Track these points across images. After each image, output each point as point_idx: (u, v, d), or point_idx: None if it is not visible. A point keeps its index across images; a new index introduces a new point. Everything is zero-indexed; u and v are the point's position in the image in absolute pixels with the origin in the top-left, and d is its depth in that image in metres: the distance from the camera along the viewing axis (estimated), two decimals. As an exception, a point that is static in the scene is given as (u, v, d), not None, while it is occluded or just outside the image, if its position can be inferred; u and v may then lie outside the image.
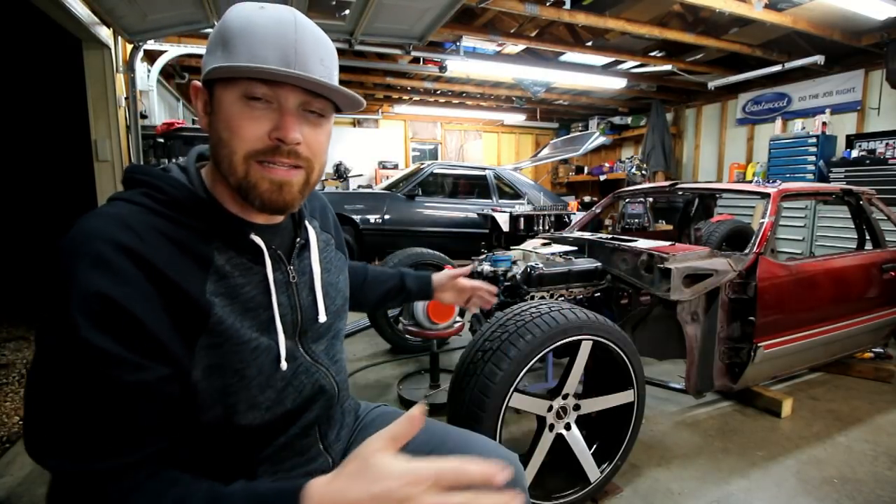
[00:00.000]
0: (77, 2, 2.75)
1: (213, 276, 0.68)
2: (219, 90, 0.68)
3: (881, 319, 2.56)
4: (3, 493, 1.75)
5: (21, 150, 5.45)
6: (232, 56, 0.65)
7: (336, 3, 3.21)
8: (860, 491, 1.79)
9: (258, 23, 0.66)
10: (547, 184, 8.81)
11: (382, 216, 4.88)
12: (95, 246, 0.59)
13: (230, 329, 0.68)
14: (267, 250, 0.74)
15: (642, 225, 5.43)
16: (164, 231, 0.65)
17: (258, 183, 0.68)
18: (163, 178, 0.70)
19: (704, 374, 2.02)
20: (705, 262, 1.96)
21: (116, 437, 0.58)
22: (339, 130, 8.44)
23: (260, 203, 0.70)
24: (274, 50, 0.65)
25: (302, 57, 0.66)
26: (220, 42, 0.67)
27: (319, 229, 0.90)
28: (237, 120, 0.66)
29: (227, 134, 0.67)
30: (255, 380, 0.71)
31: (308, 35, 0.68)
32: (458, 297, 1.32)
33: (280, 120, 0.67)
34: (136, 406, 0.59)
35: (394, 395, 2.58)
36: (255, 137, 0.67)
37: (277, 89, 0.66)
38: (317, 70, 0.68)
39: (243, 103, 0.66)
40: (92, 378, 0.57)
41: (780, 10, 3.95)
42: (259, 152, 0.67)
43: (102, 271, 0.58)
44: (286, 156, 0.68)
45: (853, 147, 5.14)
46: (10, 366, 2.98)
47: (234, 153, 0.67)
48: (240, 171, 0.68)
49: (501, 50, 5.28)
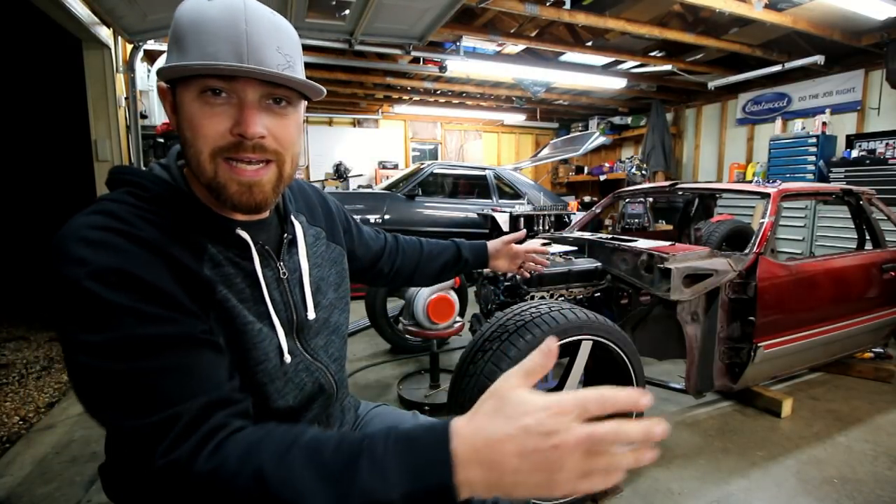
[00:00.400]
0: (77, 2, 2.76)
1: (209, 263, 0.68)
2: (179, 90, 0.66)
3: (881, 319, 2.56)
4: (3, 493, 1.75)
5: (21, 151, 5.45)
6: (184, 54, 0.64)
7: (336, 3, 3.21)
8: (860, 491, 1.79)
9: (207, 16, 0.63)
10: (547, 184, 8.80)
11: (382, 216, 4.88)
12: (88, 234, 0.59)
13: (235, 308, 0.68)
14: (254, 245, 0.74)
15: (642, 225, 5.43)
16: (152, 221, 0.65)
17: (227, 184, 0.67)
18: (145, 175, 0.69)
19: (704, 374, 2.02)
20: (705, 262, 1.96)
21: (169, 388, 0.56)
22: (339, 130, 8.44)
23: (231, 204, 0.69)
24: (225, 43, 0.63)
25: (255, 47, 0.64)
26: (173, 40, 0.66)
27: (307, 223, 0.89)
28: (198, 119, 0.65)
29: (191, 133, 0.66)
30: (262, 365, 0.71)
31: (261, 23, 0.65)
32: (512, 263, 1.33)
33: (240, 114, 0.65)
34: (193, 352, 0.59)
35: (394, 395, 2.58)
36: (217, 134, 0.65)
37: (234, 83, 0.64)
38: (273, 59, 0.65)
39: (202, 101, 0.65)
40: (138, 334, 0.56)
41: (780, 10, 3.95)
42: (223, 149, 0.66)
43: (105, 250, 0.58)
44: (251, 151, 0.67)
45: (853, 147, 5.13)
46: (10, 366, 2.98)
47: (199, 152, 0.66)
48: (208, 171, 0.66)
49: (501, 50, 5.28)
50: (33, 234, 5.14)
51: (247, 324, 0.69)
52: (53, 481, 1.80)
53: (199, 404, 0.56)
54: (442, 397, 2.42)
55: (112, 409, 0.55)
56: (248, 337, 0.69)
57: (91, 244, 0.58)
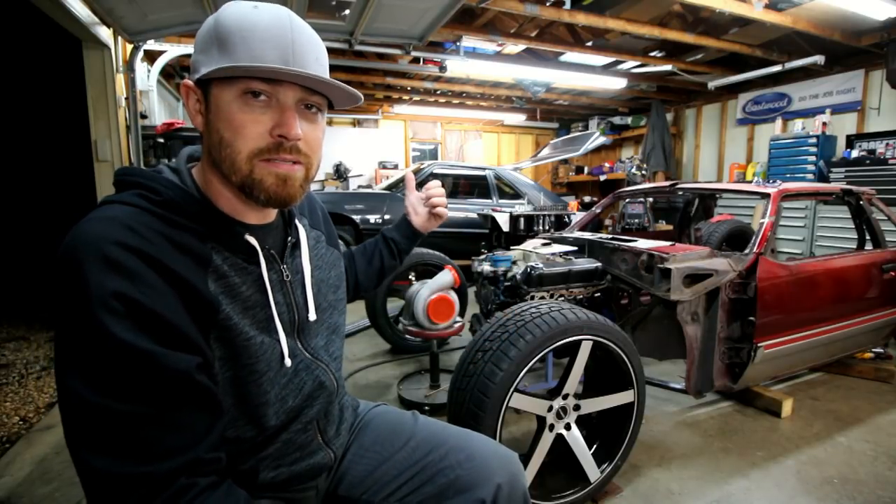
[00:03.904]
0: (77, 2, 2.75)
1: (213, 276, 0.69)
2: (216, 89, 0.67)
3: (881, 319, 2.56)
4: (3, 493, 1.75)
5: (21, 151, 5.45)
6: (230, 55, 0.65)
7: (336, 3, 3.21)
8: (860, 491, 1.78)
9: (255, 22, 0.66)
10: (547, 184, 8.81)
11: (382, 216, 4.88)
12: (102, 248, 0.59)
13: (237, 326, 0.69)
14: (261, 250, 0.75)
15: (642, 225, 5.43)
16: (161, 231, 0.65)
17: (264, 178, 0.69)
18: (156, 178, 0.70)
19: (704, 375, 2.02)
20: (705, 262, 1.96)
21: (166, 434, 0.58)
22: (339, 130, 8.43)
23: (265, 198, 0.70)
24: (273, 49, 0.65)
25: (299, 55, 0.67)
26: (214, 41, 0.67)
27: (309, 227, 0.91)
28: (238, 119, 0.66)
29: (230, 133, 0.67)
30: (265, 375, 0.72)
31: (304, 34, 0.69)
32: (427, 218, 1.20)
33: (281, 117, 0.68)
34: (181, 401, 0.60)
35: (394, 395, 2.58)
36: (258, 135, 0.67)
37: (277, 87, 0.67)
38: (313, 68, 0.69)
39: (242, 101, 0.66)
40: (134, 376, 0.57)
41: (780, 10, 3.95)
42: (263, 150, 0.68)
43: (115, 272, 0.58)
44: (289, 152, 0.69)
45: (853, 147, 5.14)
46: (10, 366, 2.98)
47: (238, 153, 0.67)
48: (244, 169, 0.68)
49: (501, 50, 5.28)
50: (33, 234, 5.15)
51: (249, 339, 0.70)
52: (53, 481, 1.80)
53: (170, 467, 0.57)
54: (442, 397, 2.41)
55: (90, 446, 0.57)
56: (250, 352, 0.71)
57: (106, 263, 0.58)
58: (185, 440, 0.60)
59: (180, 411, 0.60)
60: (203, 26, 0.69)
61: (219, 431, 0.65)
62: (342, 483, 0.91)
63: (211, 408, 0.64)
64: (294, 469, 0.82)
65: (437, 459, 0.89)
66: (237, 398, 0.71)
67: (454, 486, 0.85)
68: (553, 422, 1.59)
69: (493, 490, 0.84)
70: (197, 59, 0.69)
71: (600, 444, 1.72)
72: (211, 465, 0.62)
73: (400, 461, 0.91)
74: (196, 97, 0.70)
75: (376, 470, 0.90)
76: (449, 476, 0.87)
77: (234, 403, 0.70)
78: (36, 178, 5.50)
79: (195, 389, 0.61)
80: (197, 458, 0.60)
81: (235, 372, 0.70)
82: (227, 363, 0.69)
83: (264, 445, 0.77)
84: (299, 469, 0.82)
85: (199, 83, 0.69)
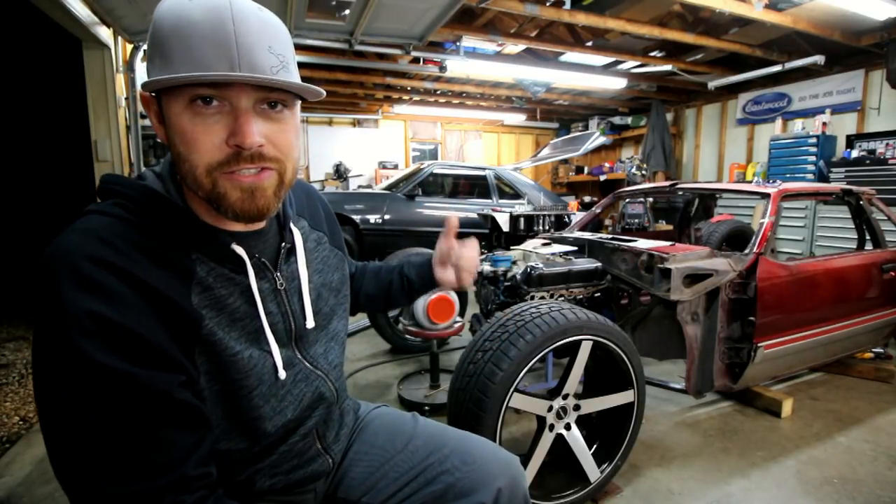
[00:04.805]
0: (77, 2, 2.75)
1: (197, 288, 0.65)
2: (166, 100, 0.61)
3: (881, 319, 2.56)
4: (3, 493, 1.75)
5: (21, 151, 5.45)
6: (169, 62, 0.59)
7: (336, 3, 3.21)
8: (860, 491, 1.78)
9: (191, 18, 0.58)
10: (547, 184, 8.80)
11: (382, 216, 4.88)
12: (76, 265, 0.56)
13: (221, 342, 0.66)
14: (249, 259, 0.71)
15: (642, 225, 5.44)
16: (139, 243, 0.61)
17: (228, 193, 0.63)
18: (135, 186, 0.66)
19: (704, 375, 2.02)
20: (705, 262, 1.96)
21: (150, 453, 0.57)
22: (339, 130, 8.43)
23: (233, 214, 0.64)
24: (213, 48, 0.58)
25: (246, 49, 0.59)
26: (154, 46, 0.61)
27: (309, 228, 0.87)
28: (190, 132, 0.60)
29: (185, 147, 0.61)
30: (256, 390, 0.70)
31: (250, 22, 0.60)
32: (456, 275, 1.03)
33: (235, 124, 0.61)
34: (163, 419, 0.59)
35: (394, 395, 2.58)
36: (213, 147, 0.61)
37: (226, 91, 0.60)
38: (266, 60, 0.60)
39: (192, 112, 0.60)
40: (113, 398, 0.56)
41: (780, 10, 3.95)
42: (221, 163, 0.61)
43: (89, 291, 0.56)
44: (250, 161, 0.62)
45: (853, 147, 5.13)
46: (10, 366, 2.98)
47: (194, 167, 0.62)
48: (206, 185, 0.62)
49: (501, 50, 5.28)
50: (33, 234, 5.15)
51: (235, 354, 0.67)
52: (53, 481, 1.80)
53: (157, 486, 0.56)
54: (442, 397, 2.41)
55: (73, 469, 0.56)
56: (238, 367, 0.68)
57: (81, 282, 0.56)
58: (171, 458, 0.58)
59: (164, 430, 0.58)
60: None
61: (207, 446, 0.63)
62: (341, 485, 0.90)
63: (197, 424, 0.62)
64: (291, 477, 0.80)
65: (438, 462, 0.88)
66: (227, 412, 0.68)
67: (454, 490, 0.85)
68: (553, 422, 1.59)
69: (494, 494, 0.84)
70: (147, 67, 0.63)
71: (600, 444, 1.72)
72: (200, 482, 0.60)
73: (400, 463, 0.90)
74: (154, 108, 0.64)
75: (376, 472, 0.90)
76: (449, 479, 0.86)
77: (224, 416, 0.68)
78: (36, 178, 5.50)
79: (178, 407, 0.60)
80: (184, 475, 0.58)
81: (223, 386, 0.67)
82: (213, 377, 0.66)
83: (261, 457, 0.75)
84: (297, 477, 0.81)
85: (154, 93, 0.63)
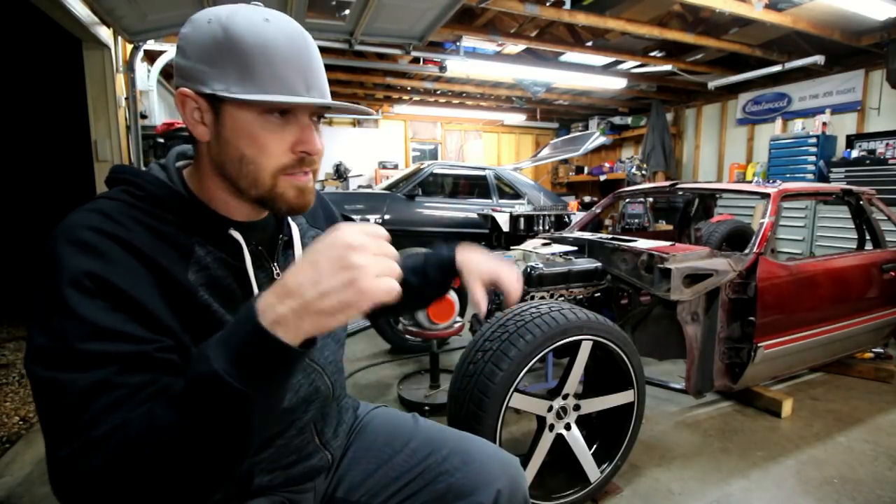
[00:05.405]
0: (77, 2, 2.75)
1: (194, 266, 0.68)
2: (232, 107, 0.66)
3: (881, 319, 2.56)
4: (3, 493, 1.75)
5: (21, 150, 5.45)
6: (255, 79, 0.64)
7: (336, 3, 3.21)
8: (860, 491, 1.79)
9: (274, 41, 0.65)
10: (547, 184, 8.80)
11: (382, 216, 4.88)
12: (79, 234, 0.60)
13: (217, 312, 0.67)
14: (246, 246, 0.74)
15: (642, 225, 5.44)
16: (143, 221, 0.65)
17: (285, 192, 0.70)
18: (142, 175, 0.70)
19: (704, 374, 2.02)
20: (705, 262, 1.96)
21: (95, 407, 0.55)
22: (339, 130, 8.43)
23: (287, 208, 0.71)
24: (295, 71, 0.66)
25: (314, 73, 0.69)
26: (229, 57, 0.64)
27: (307, 225, 0.89)
28: (262, 139, 0.67)
29: (253, 151, 0.67)
30: None
31: (313, 48, 0.70)
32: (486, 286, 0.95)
33: (302, 134, 0.69)
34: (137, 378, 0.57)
35: (394, 395, 2.58)
36: (282, 152, 0.68)
37: (297, 106, 0.68)
38: (324, 83, 0.71)
39: (264, 120, 0.66)
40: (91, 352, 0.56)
41: (780, 10, 3.95)
42: (287, 166, 0.69)
43: (91, 255, 0.59)
44: (309, 165, 0.71)
45: (853, 147, 5.13)
46: (10, 366, 2.98)
47: (262, 169, 0.68)
48: (268, 184, 0.69)
49: (501, 50, 5.28)
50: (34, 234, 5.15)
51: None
52: (53, 481, 1.80)
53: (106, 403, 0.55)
54: (442, 397, 2.41)
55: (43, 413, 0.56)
56: None
57: (79, 245, 0.59)
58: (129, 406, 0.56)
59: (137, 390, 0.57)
60: (202, 31, 0.65)
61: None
62: (341, 485, 0.90)
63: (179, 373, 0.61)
64: (290, 472, 0.81)
65: (437, 463, 0.89)
66: None
67: (454, 491, 0.85)
68: (553, 422, 1.59)
69: (493, 495, 0.84)
70: (202, 70, 0.65)
71: (600, 444, 1.72)
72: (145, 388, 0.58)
73: (399, 464, 0.90)
74: (197, 106, 0.67)
75: (375, 472, 0.90)
76: (448, 480, 0.86)
77: None
78: (36, 178, 5.50)
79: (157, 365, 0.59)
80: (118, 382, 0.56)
81: None
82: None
83: (258, 450, 0.75)
84: (296, 472, 0.81)
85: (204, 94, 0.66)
